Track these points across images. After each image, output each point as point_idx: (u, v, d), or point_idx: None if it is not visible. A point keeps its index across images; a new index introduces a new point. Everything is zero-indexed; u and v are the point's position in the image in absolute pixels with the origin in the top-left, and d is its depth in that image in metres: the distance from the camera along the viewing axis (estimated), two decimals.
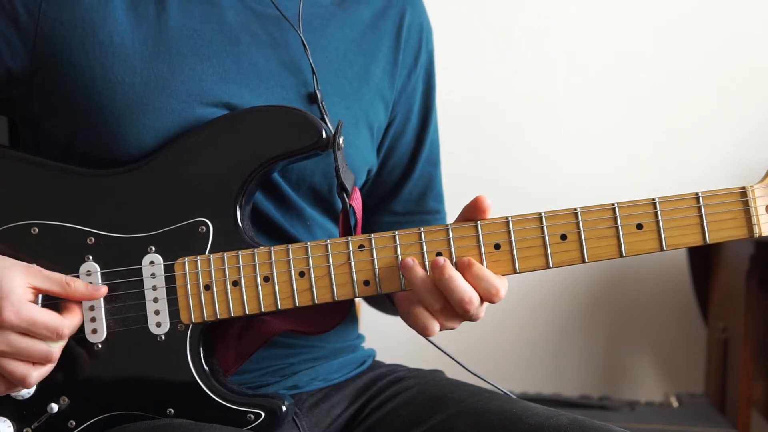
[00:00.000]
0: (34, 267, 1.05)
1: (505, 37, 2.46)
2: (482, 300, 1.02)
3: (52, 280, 1.04)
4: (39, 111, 1.13)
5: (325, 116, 1.14)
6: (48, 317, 1.01)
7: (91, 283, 1.07)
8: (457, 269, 1.01)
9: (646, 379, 2.50)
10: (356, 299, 1.35)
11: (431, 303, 1.02)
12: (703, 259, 2.40)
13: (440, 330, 1.05)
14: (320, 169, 1.17)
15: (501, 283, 1.02)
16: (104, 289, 1.07)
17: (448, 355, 1.21)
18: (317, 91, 1.15)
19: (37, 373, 1.02)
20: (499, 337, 2.44)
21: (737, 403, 2.17)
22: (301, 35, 1.16)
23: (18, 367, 1.01)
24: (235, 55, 1.14)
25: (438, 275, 1.01)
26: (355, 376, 1.27)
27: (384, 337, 1.54)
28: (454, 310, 1.02)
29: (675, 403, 2.16)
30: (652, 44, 2.43)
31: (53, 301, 1.06)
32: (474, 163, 2.43)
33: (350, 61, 1.22)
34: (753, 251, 2.11)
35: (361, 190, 1.24)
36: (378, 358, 1.35)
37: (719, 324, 2.32)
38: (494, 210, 1.04)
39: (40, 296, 1.05)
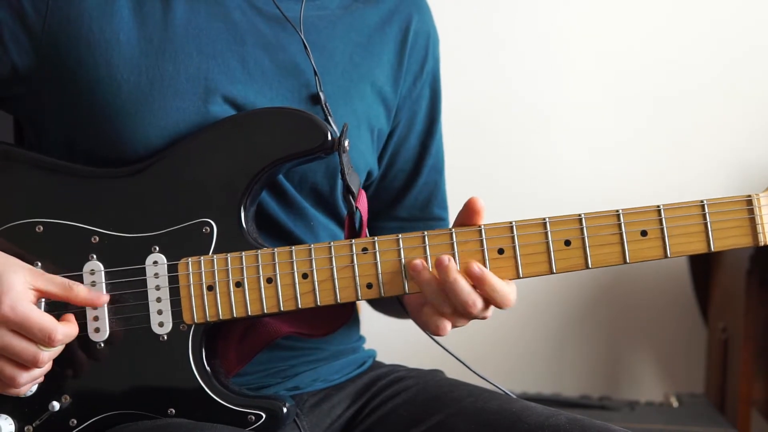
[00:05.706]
0: (38, 269, 1.05)
1: (509, 41, 2.45)
2: (487, 304, 1.03)
3: (55, 283, 1.03)
4: (44, 109, 1.13)
5: (329, 118, 1.13)
6: (42, 318, 1.00)
7: (94, 282, 1.07)
8: (466, 277, 1.02)
9: (646, 379, 2.50)
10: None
11: (440, 306, 1.03)
12: (703, 259, 2.39)
13: (451, 328, 1.06)
14: (322, 169, 1.16)
15: (508, 290, 1.03)
16: (106, 297, 1.06)
17: (453, 355, 1.20)
18: (320, 93, 1.15)
19: (26, 376, 1.02)
20: (499, 337, 2.43)
21: (737, 403, 2.17)
22: (303, 37, 1.16)
23: (6, 368, 1.01)
24: (241, 54, 1.14)
25: (443, 277, 1.01)
26: (356, 377, 1.27)
27: (384, 337, 1.53)
28: (459, 311, 1.03)
29: (675, 403, 2.15)
30: (656, 50, 2.42)
31: (57, 312, 1.05)
32: (478, 169, 2.41)
33: (356, 63, 1.22)
34: (753, 251, 2.10)
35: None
36: (378, 358, 1.35)
37: (719, 324, 2.32)
38: (499, 215, 1.04)
39: (42, 302, 1.04)
